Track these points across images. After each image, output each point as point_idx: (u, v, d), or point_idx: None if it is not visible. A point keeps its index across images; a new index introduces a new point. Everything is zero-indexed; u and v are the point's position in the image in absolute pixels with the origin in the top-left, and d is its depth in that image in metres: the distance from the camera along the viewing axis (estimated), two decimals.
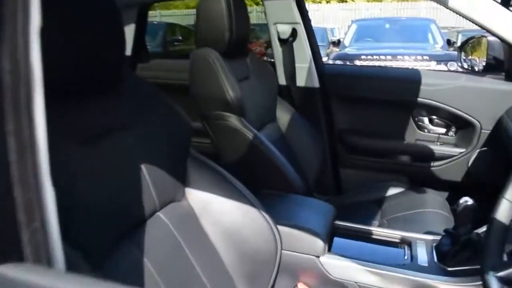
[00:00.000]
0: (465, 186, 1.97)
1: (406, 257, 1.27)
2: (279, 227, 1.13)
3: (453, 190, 1.94)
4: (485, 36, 1.92)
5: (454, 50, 5.85)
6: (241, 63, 1.73)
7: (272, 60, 2.14)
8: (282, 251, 1.12)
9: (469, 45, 2.07)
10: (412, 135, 2.06)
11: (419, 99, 1.94)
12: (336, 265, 1.21)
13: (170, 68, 2.60)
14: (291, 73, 2.02)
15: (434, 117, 2.01)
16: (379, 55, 5.41)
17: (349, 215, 1.50)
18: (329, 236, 1.28)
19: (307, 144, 1.96)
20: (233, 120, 1.52)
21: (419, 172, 2.04)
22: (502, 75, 1.90)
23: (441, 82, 1.91)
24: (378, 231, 1.39)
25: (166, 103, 1.01)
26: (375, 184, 2.00)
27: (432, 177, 2.01)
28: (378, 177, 2.06)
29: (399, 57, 5.31)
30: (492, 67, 1.89)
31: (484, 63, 2.11)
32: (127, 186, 0.85)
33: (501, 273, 0.82)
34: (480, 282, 1.10)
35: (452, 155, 1.98)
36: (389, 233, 1.39)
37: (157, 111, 0.97)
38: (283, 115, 1.94)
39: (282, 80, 2.07)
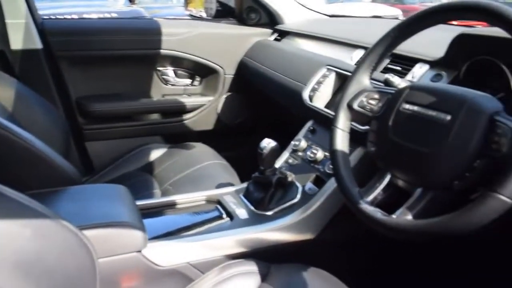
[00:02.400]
0: (219, 132, 1.99)
1: (224, 216, 1.17)
2: (85, 232, 0.82)
3: (211, 138, 1.92)
4: None
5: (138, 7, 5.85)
6: None
7: None
8: (99, 260, 0.83)
9: None
10: (158, 91, 1.91)
11: (161, 50, 1.79)
12: (161, 253, 1.00)
13: None
14: (1, 32, 1.52)
15: (177, 68, 1.91)
16: (62, 15, 4.86)
17: None
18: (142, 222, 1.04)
19: (42, 121, 1.54)
20: None
21: (173, 128, 1.94)
22: (234, 20, 1.95)
23: (181, 31, 1.81)
24: (183, 199, 1.23)
25: None
26: (133, 152, 1.78)
27: (187, 130, 1.95)
28: (132, 143, 1.83)
29: (85, 15, 4.91)
30: (224, 13, 1.91)
31: (202, 13, 2.12)
32: None
33: (369, 197, 0.81)
34: (299, 216, 1.12)
35: (201, 104, 1.95)
36: (192, 198, 1.25)
37: None
38: (2, 90, 1.45)
39: None
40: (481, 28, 1.01)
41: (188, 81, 1.94)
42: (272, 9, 1.90)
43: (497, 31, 0.76)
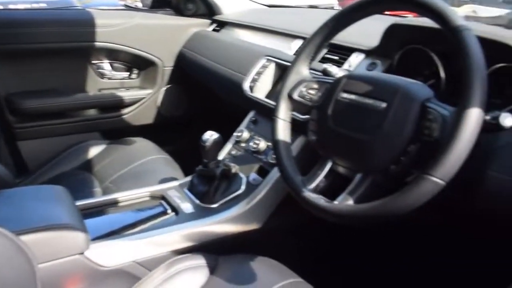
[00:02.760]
0: (160, 126, 1.96)
1: (169, 212, 1.15)
2: (23, 237, 0.79)
3: (152, 132, 1.88)
4: None
5: None
6: None
7: None
8: (39, 265, 0.79)
9: None
10: (94, 85, 1.84)
11: (95, 43, 1.72)
12: (105, 253, 0.97)
13: None
14: None
15: (114, 61, 1.84)
16: None
17: None
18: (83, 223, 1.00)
19: None
20: None
21: (111, 123, 1.88)
22: (171, 11, 1.91)
23: (117, 22, 1.74)
24: (125, 196, 1.20)
25: None
26: (69, 150, 1.70)
27: (126, 125, 1.89)
28: (69, 140, 1.75)
29: (11, 6, 4.60)
30: (160, 3, 1.87)
31: (137, 3, 2.07)
32: None
33: (312, 185, 0.83)
34: (244, 206, 1.13)
35: (140, 98, 1.90)
36: (135, 194, 1.22)
37: None
38: None
39: None
40: (411, 18, 1.05)
41: (126, 74, 1.89)
42: None
43: (425, 21, 0.79)
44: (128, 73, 1.88)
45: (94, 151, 1.64)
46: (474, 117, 0.64)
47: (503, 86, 0.90)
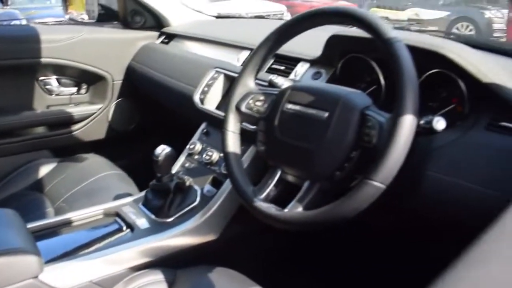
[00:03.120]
0: (112, 141, 1.94)
1: (124, 228, 1.14)
2: None
3: (104, 148, 1.86)
4: None
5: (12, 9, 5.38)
6: None
7: None
8: None
9: None
10: (42, 102, 1.80)
11: (41, 59, 1.68)
12: (60, 275, 0.96)
13: None
14: None
15: (61, 77, 1.81)
16: None
17: None
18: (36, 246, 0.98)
19: None
20: None
21: (61, 141, 1.84)
22: (119, 24, 1.89)
23: (63, 37, 1.71)
24: (79, 215, 1.18)
25: None
26: (18, 170, 1.65)
27: (77, 141, 1.86)
28: (17, 160, 1.70)
29: None
30: (107, 16, 1.85)
31: (83, 15, 2.05)
32: None
33: (263, 195, 0.86)
34: (200, 218, 1.14)
35: (90, 113, 1.87)
36: (88, 213, 1.20)
37: None
38: None
39: None
40: (350, 29, 1.10)
41: (74, 89, 1.85)
42: (157, 11, 1.87)
43: (363, 32, 0.84)
44: (77, 88, 1.85)
45: (44, 170, 1.60)
46: (407, 123, 0.68)
47: (438, 90, 0.97)
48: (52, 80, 1.79)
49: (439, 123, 0.74)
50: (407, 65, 0.71)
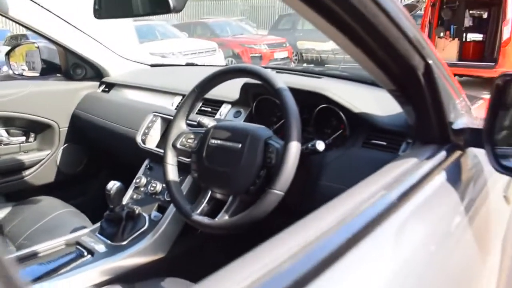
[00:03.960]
0: (63, 182, 2.10)
1: (85, 254, 1.33)
2: None
3: (56, 190, 2.02)
4: (34, 43, 2.03)
5: None
6: None
7: None
8: None
9: (14, 52, 2.11)
10: None
11: None
12: None
13: None
14: None
15: (10, 127, 1.97)
16: None
17: None
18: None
19: None
20: None
21: (15, 186, 1.98)
22: (62, 76, 2.09)
23: (11, 92, 1.89)
24: (41, 248, 1.36)
25: None
26: None
27: (30, 186, 2.01)
28: None
29: None
30: (50, 70, 2.04)
31: (23, 67, 2.22)
32: None
33: (198, 210, 1.11)
34: (150, 239, 1.35)
35: (40, 159, 2.03)
36: (51, 245, 1.38)
37: None
38: None
39: None
40: None
41: (23, 138, 2.00)
42: (97, 64, 2.08)
43: None
44: (25, 137, 2.01)
45: (1, 214, 1.75)
46: (294, 148, 0.98)
47: (330, 119, 1.28)
48: (1, 131, 1.95)
49: (319, 145, 1.04)
50: (291, 107, 1.01)
